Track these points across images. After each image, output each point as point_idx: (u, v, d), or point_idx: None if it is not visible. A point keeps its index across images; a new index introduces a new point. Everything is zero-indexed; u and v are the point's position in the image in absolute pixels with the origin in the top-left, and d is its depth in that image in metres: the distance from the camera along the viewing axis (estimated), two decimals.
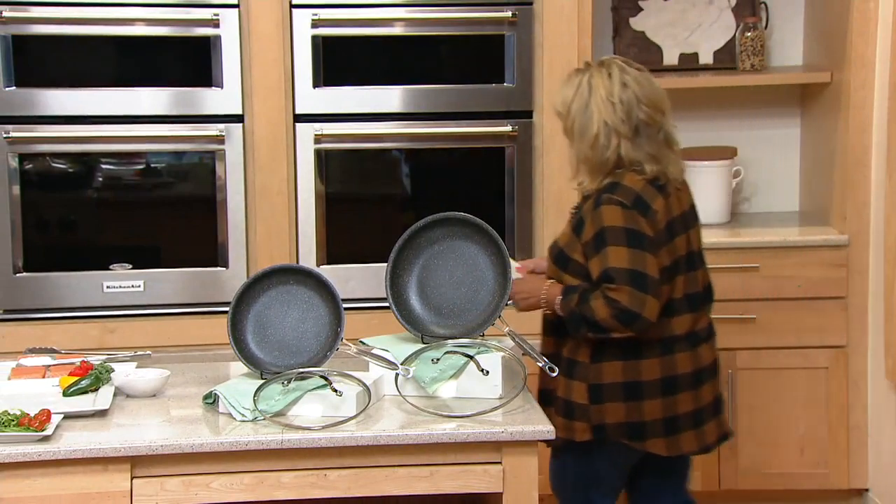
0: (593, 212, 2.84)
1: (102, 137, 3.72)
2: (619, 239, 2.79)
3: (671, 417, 2.83)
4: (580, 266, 2.86)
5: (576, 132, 2.88)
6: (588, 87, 2.88)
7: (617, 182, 2.85)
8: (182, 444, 2.42)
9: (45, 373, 2.75)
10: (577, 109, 2.88)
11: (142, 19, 3.68)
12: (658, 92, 2.93)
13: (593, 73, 2.89)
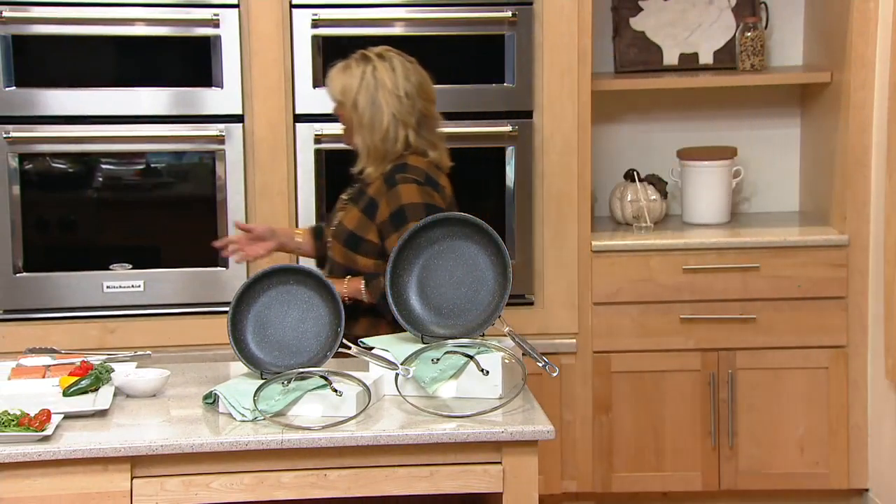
0: (388, 192, 3.00)
1: (102, 137, 3.72)
2: (420, 214, 2.95)
3: None
4: (374, 246, 3.02)
5: (364, 124, 3.03)
6: (374, 80, 3.02)
7: (404, 163, 3.03)
8: (182, 444, 2.42)
9: (45, 373, 2.75)
10: (364, 102, 3.02)
11: (142, 19, 3.69)
12: (430, 83, 3.11)
13: (377, 66, 3.03)
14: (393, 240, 2.97)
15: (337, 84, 3.08)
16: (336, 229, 3.12)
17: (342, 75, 3.09)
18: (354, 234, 3.06)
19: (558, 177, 3.84)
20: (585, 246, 3.89)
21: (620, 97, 4.20)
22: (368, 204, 3.06)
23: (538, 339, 3.70)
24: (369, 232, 3.04)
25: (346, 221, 3.11)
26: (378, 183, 3.05)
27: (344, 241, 3.08)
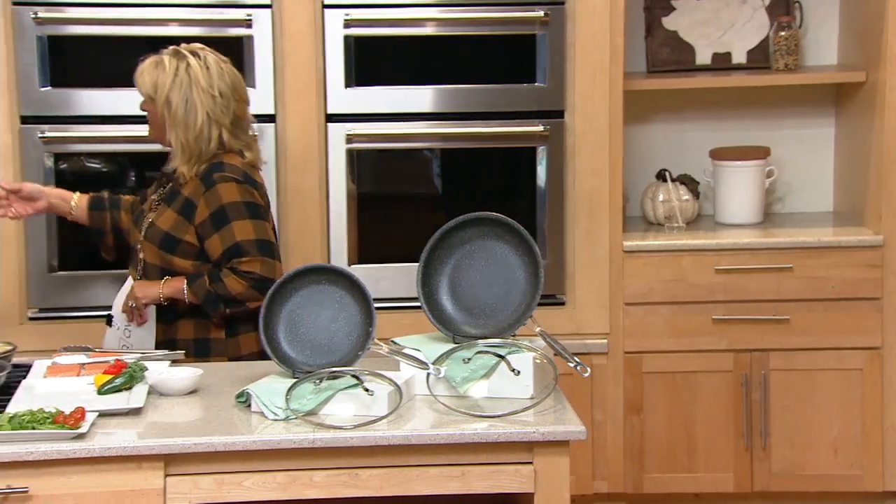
0: (206, 192, 3.00)
1: (136, 137, 3.73)
2: (242, 213, 2.99)
3: None
4: (192, 247, 3.03)
5: (178, 122, 3.00)
6: (188, 77, 2.99)
7: (221, 162, 3.03)
8: (215, 443, 2.43)
9: (79, 371, 2.76)
10: (178, 100, 2.99)
11: (175, 20, 3.71)
12: (243, 84, 3.11)
13: (190, 63, 3.00)
14: (214, 240, 3.00)
15: (148, 80, 3.04)
16: (149, 230, 3.10)
17: (154, 71, 3.04)
18: (170, 236, 3.05)
19: (590, 177, 3.83)
20: (617, 246, 3.88)
21: (653, 97, 4.18)
22: (185, 205, 3.04)
23: (569, 340, 3.69)
24: (186, 233, 3.04)
25: (159, 222, 3.08)
26: (194, 183, 3.04)
27: (159, 243, 3.06)
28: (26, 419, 2.39)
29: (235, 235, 2.99)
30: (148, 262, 3.09)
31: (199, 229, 3.02)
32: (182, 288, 3.02)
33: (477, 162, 3.90)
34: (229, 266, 3.00)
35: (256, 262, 2.99)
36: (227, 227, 2.99)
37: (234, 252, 2.99)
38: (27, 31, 3.61)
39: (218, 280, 2.99)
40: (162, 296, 3.03)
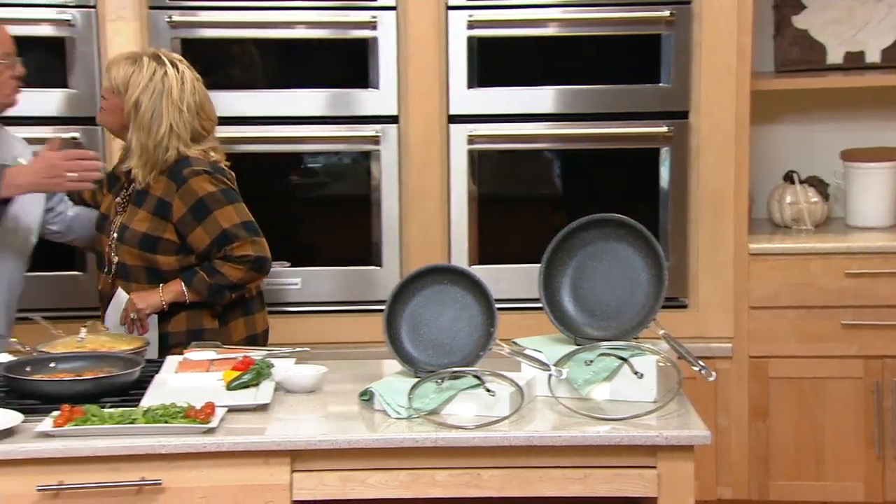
0: (179, 190, 3.08)
1: (262, 138, 3.81)
2: (220, 201, 3.08)
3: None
4: (171, 244, 3.10)
5: (142, 126, 3.07)
6: (161, 85, 3.07)
7: (185, 157, 3.10)
8: (339, 440, 2.46)
9: (209, 367, 2.81)
10: (147, 104, 3.06)
11: (302, 22, 3.76)
12: (212, 104, 3.21)
13: (168, 72, 3.08)
14: (199, 233, 3.08)
15: (122, 73, 3.09)
16: (124, 233, 3.13)
17: (130, 66, 3.10)
18: (149, 236, 3.10)
19: (714, 178, 3.77)
20: (742, 248, 3.81)
21: (781, 97, 4.10)
22: (158, 205, 3.10)
23: (692, 343, 3.62)
24: (165, 231, 3.10)
25: (134, 225, 3.12)
26: (163, 182, 3.10)
27: (138, 245, 3.11)
28: (159, 413, 2.45)
29: (221, 224, 3.07)
30: (128, 263, 3.14)
31: (179, 225, 3.09)
32: (181, 290, 3.09)
33: (598, 163, 3.88)
34: (221, 255, 3.08)
35: (247, 244, 3.08)
36: (209, 217, 3.07)
37: (223, 240, 3.07)
38: (162, 34, 3.71)
39: (215, 272, 3.08)
40: (164, 303, 3.11)
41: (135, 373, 2.67)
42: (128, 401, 2.57)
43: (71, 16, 3.66)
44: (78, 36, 3.65)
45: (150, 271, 3.14)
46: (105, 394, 2.58)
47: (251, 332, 3.22)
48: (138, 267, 3.14)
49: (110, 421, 2.42)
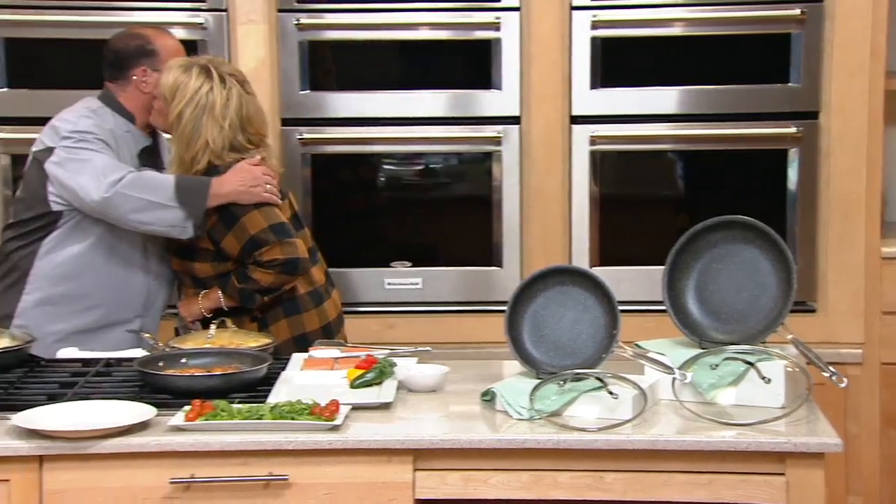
0: None
1: (385, 139, 3.84)
2: (247, 207, 3.10)
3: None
4: (208, 252, 3.14)
5: (182, 136, 3.13)
6: (206, 99, 3.11)
7: (216, 166, 3.13)
8: (461, 440, 2.46)
9: (333, 365, 2.85)
10: (188, 117, 3.11)
11: (426, 24, 3.78)
12: (263, 117, 3.23)
13: (213, 87, 3.11)
14: (230, 239, 3.11)
15: (172, 80, 3.14)
16: (168, 242, 3.20)
17: (181, 75, 3.13)
18: (185, 245, 3.15)
19: (845, 179, 3.68)
20: (874, 252, 3.72)
21: None
22: None
23: (820, 348, 3.53)
24: (200, 240, 3.13)
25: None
26: None
27: (176, 252, 3.19)
28: (286, 410, 2.48)
29: (248, 230, 3.10)
30: (175, 269, 3.25)
31: (212, 233, 3.14)
32: (218, 297, 3.16)
33: (723, 164, 3.82)
34: (252, 261, 3.12)
35: (276, 247, 3.10)
36: (237, 224, 3.10)
37: (252, 246, 3.11)
38: (290, 36, 3.77)
39: (246, 278, 3.12)
40: (203, 310, 3.17)
41: (262, 369, 2.72)
42: (255, 397, 2.61)
43: (203, 19, 3.75)
44: (210, 39, 3.74)
45: (192, 277, 3.22)
46: (233, 389, 2.63)
47: (298, 332, 3.24)
48: (183, 274, 3.24)
49: (239, 416, 2.46)
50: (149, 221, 3.07)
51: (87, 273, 3.17)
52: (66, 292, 3.17)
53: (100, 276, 3.17)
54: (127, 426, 2.42)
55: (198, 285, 3.22)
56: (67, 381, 2.73)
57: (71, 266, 3.16)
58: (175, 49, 3.24)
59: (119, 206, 3.05)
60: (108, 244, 3.16)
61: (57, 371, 2.84)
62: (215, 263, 3.18)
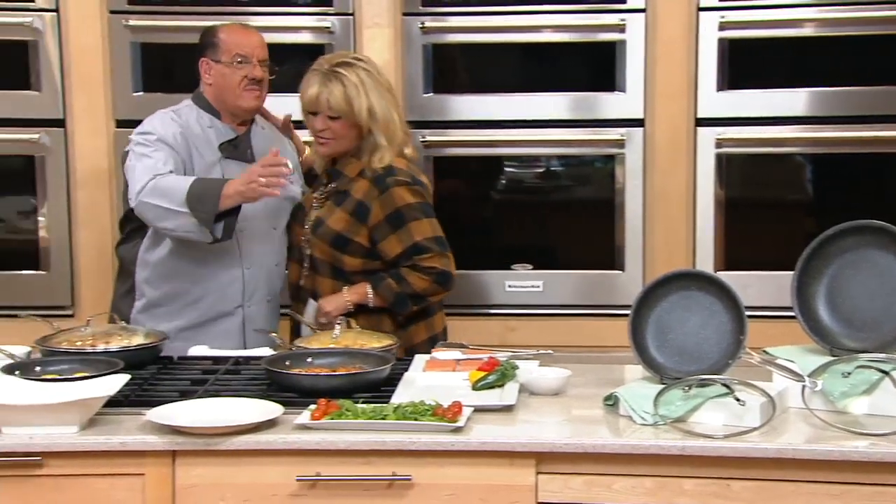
0: (380, 196, 3.16)
1: (508, 141, 3.84)
2: (417, 214, 3.17)
3: None
4: (362, 247, 3.19)
5: (380, 120, 3.17)
6: (370, 80, 3.17)
7: (391, 166, 3.19)
8: (585, 444, 2.45)
9: (455, 366, 2.87)
10: (375, 100, 3.16)
11: (549, 26, 3.77)
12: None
13: (358, 67, 3.18)
14: (392, 241, 3.16)
15: (336, 95, 3.15)
16: (319, 228, 3.22)
17: (336, 86, 3.15)
18: (342, 236, 3.19)
19: None
20: None
21: None
22: (357, 207, 3.19)
23: None
24: (358, 234, 3.18)
25: (330, 222, 3.21)
26: (366, 186, 3.18)
27: (330, 242, 3.20)
28: (409, 410, 2.50)
29: (414, 235, 3.16)
30: (317, 257, 3.23)
31: (373, 231, 3.17)
32: (366, 293, 3.18)
33: (853, 167, 3.72)
34: (410, 265, 3.15)
35: (437, 257, 3.16)
36: (404, 228, 3.15)
37: (414, 251, 3.15)
38: (414, 40, 3.80)
39: (402, 280, 3.16)
40: (349, 304, 3.18)
41: (385, 370, 2.75)
42: (379, 397, 2.64)
43: (330, 23, 3.79)
44: (336, 43, 3.78)
45: (334, 269, 3.24)
46: (358, 389, 2.66)
47: (431, 333, 3.29)
48: (325, 262, 3.25)
49: (363, 416, 2.49)
50: (171, 228, 3.08)
51: (181, 272, 3.22)
52: (166, 293, 3.24)
53: (193, 272, 3.22)
54: (255, 423, 2.46)
55: (337, 277, 3.23)
56: (198, 379, 2.79)
57: (164, 267, 3.23)
58: (235, 41, 3.23)
59: (144, 214, 3.10)
60: (189, 241, 3.16)
61: (188, 368, 2.91)
62: (366, 260, 3.21)
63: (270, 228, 3.30)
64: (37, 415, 2.43)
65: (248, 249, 3.24)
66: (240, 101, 3.24)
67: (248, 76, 3.22)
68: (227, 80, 3.21)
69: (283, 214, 3.33)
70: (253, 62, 3.22)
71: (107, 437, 2.44)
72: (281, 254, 3.35)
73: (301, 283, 3.29)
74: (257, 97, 3.25)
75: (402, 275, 3.17)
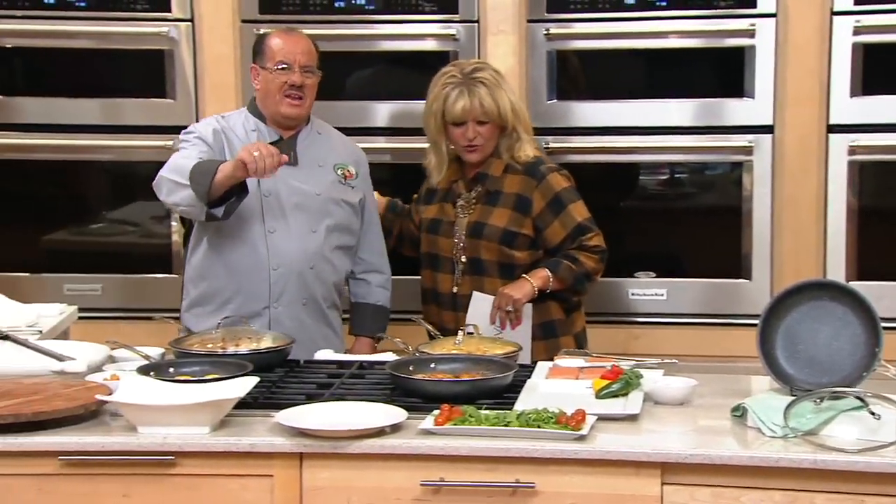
0: (539, 186, 3.26)
1: (632, 148, 3.81)
2: (573, 196, 3.28)
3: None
4: (528, 238, 3.26)
5: (522, 116, 3.31)
6: (500, 79, 3.29)
7: (537, 156, 3.32)
8: (712, 455, 2.41)
9: (578, 374, 2.84)
10: (515, 99, 3.30)
11: (676, 32, 3.73)
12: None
13: (488, 71, 3.28)
14: (555, 226, 3.24)
15: (488, 100, 3.24)
16: (481, 230, 3.26)
17: (484, 92, 3.24)
18: (509, 231, 3.26)
19: None
20: None
21: None
22: (517, 201, 3.27)
23: None
24: (524, 226, 3.26)
25: (493, 221, 3.27)
26: (519, 179, 3.27)
27: (499, 240, 3.26)
28: (532, 417, 2.49)
29: (576, 217, 3.25)
30: (482, 259, 3.26)
31: (537, 220, 3.26)
32: (547, 276, 3.22)
33: None
34: (576, 246, 3.24)
35: (597, 236, 3.26)
36: (564, 211, 3.25)
37: (578, 232, 3.25)
38: (538, 46, 3.79)
39: (576, 261, 3.24)
40: (535, 289, 3.20)
41: (508, 376, 2.74)
42: (502, 404, 2.63)
43: (455, 30, 3.81)
44: (461, 50, 3.80)
45: (503, 266, 3.27)
46: (481, 395, 2.65)
47: (584, 324, 3.36)
48: (492, 262, 3.27)
49: (486, 422, 2.48)
50: (176, 202, 3.10)
51: (214, 270, 3.24)
52: (203, 293, 3.27)
53: (224, 272, 3.23)
54: (380, 428, 2.48)
55: (505, 276, 3.26)
56: (324, 382, 2.82)
57: (201, 266, 3.26)
58: (279, 47, 3.21)
59: (159, 189, 3.12)
60: (221, 241, 3.20)
61: (314, 372, 2.94)
62: (532, 251, 3.29)
63: (309, 231, 3.26)
64: (171, 415, 2.48)
65: (278, 250, 3.22)
66: (280, 108, 3.23)
67: (287, 82, 3.20)
68: (269, 87, 3.22)
69: (325, 217, 3.28)
70: (294, 69, 3.21)
71: (237, 438, 2.48)
72: (320, 256, 3.28)
73: (455, 292, 3.31)
74: (298, 104, 3.23)
75: (574, 256, 3.24)
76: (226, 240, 3.22)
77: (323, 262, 3.27)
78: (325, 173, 3.28)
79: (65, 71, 3.93)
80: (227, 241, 3.21)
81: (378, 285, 3.42)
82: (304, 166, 3.26)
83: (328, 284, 3.30)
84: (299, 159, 3.27)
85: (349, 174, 3.29)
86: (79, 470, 2.47)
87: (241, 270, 3.22)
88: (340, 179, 3.30)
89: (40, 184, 4.00)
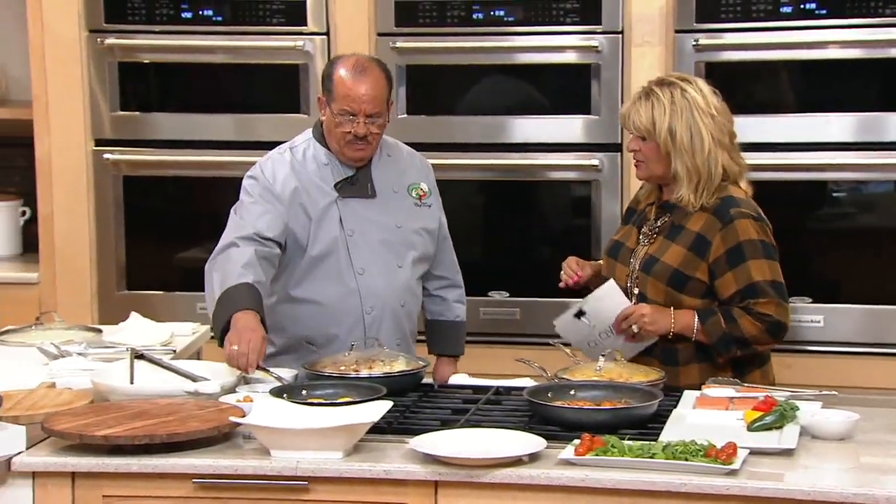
0: (723, 229, 2.90)
1: (785, 165, 3.67)
2: (758, 252, 2.89)
3: None
4: (701, 284, 2.92)
5: (685, 149, 2.90)
6: (686, 102, 2.90)
7: (731, 196, 2.93)
8: (877, 495, 2.23)
9: (728, 405, 2.71)
10: (682, 127, 2.89)
11: (835, 42, 3.59)
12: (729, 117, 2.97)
13: (685, 87, 2.92)
14: (728, 278, 2.89)
15: (644, 115, 2.93)
16: (653, 266, 2.96)
17: (647, 104, 2.93)
18: (680, 273, 2.93)
19: None
20: None
21: None
22: (696, 241, 2.93)
23: None
24: (698, 270, 2.92)
25: (666, 258, 2.95)
26: (705, 218, 2.93)
27: (667, 280, 2.94)
28: (679, 450, 2.37)
29: (752, 275, 2.88)
30: (649, 297, 2.96)
31: (713, 266, 2.91)
32: (692, 325, 2.91)
33: None
34: (742, 306, 2.88)
35: (772, 304, 2.88)
36: (742, 265, 2.89)
37: (750, 292, 2.88)
38: (686, 58, 3.66)
39: (732, 320, 2.88)
40: (671, 332, 2.92)
41: (653, 405, 2.62)
42: (646, 434, 2.52)
43: (598, 42, 3.72)
44: (603, 62, 3.72)
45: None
46: (623, 425, 2.54)
47: (766, 382, 2.98)
48: (659, 304, 2.99)
49: (630, 454, 2.37)
50: (206, 307, 2.97)
51: (299, 319, 3.08)
52: (285, 344, 3.10)
53: (311, 320, 3.07)
54: (518, 457, 2.39)
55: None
56: (459, 408, 2.74)
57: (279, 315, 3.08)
58: (345, 93, 2.99)
59: (207, 273, 3.00)
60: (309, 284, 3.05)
61: (449, 397, 2.86)
62: (706, 301, 2.96)
63: (395, 266, 3.11)
64: (304, 439, 2.44)
65: (370, 290, 3.07)
66: (344, 152, 3.08)
67: (352, 132, 3.04)
68: (332, 128, 3.06)
69: (409, 250, 3.12)
70: (359, 120, 3.02)
71: (371, 464, 2.42)
72: (408, 291, 3.12)
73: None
74: (362, 150, 3.07)
75: (734, 315, 2.89)
76: (315, 283, 3.07)
77: (411, 296, 3.14)
78: (401, 199, 3.13)
79: (199, 86, 3.97)
80: (318, 285, 3.07)
81: (455, 300, 3.26)
82: (381, 196, 3.11)
83: (414, 318, 3.19)
84: (374, 190, 3.12)
85: (423, 193, 3.13)
86: (212, 493, 2.45)
87: (333, 315, 3.07)
88: (416, 202, 3.15)
89: (174, 201, 4.06)
